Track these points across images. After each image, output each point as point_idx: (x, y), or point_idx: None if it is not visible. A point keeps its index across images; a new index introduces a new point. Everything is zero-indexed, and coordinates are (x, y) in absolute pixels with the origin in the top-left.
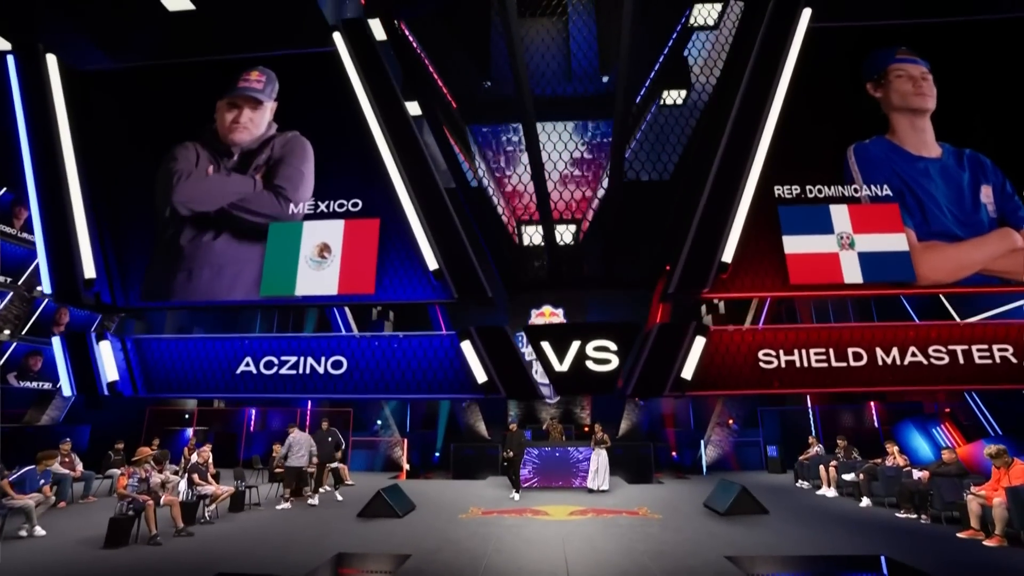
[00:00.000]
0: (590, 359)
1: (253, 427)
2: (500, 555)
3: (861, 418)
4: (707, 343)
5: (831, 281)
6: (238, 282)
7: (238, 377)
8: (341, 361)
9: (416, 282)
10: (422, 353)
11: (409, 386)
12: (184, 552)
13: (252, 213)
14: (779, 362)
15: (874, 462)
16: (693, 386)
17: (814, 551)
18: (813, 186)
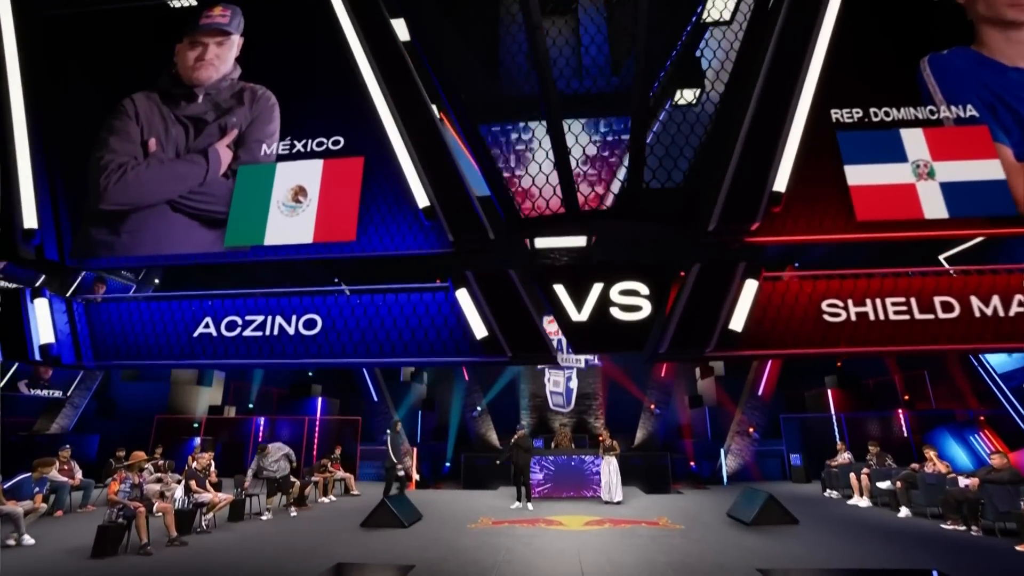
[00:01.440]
0: (616, 306)
1: (261, 436)
2: (510, 567)
3: (889, 426)
4: (758, 291)
5: (908, 217)
6: (196, 233)
7: (195, 341)
8: (315, 320)
9: (405, 229)
10: (410, 309)
11: (395, 349)
12: (174, 562)
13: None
14: (848, 315)
15: (912, 468)
16: (744, 344)
17: (854, 564)
18: (879, 108)
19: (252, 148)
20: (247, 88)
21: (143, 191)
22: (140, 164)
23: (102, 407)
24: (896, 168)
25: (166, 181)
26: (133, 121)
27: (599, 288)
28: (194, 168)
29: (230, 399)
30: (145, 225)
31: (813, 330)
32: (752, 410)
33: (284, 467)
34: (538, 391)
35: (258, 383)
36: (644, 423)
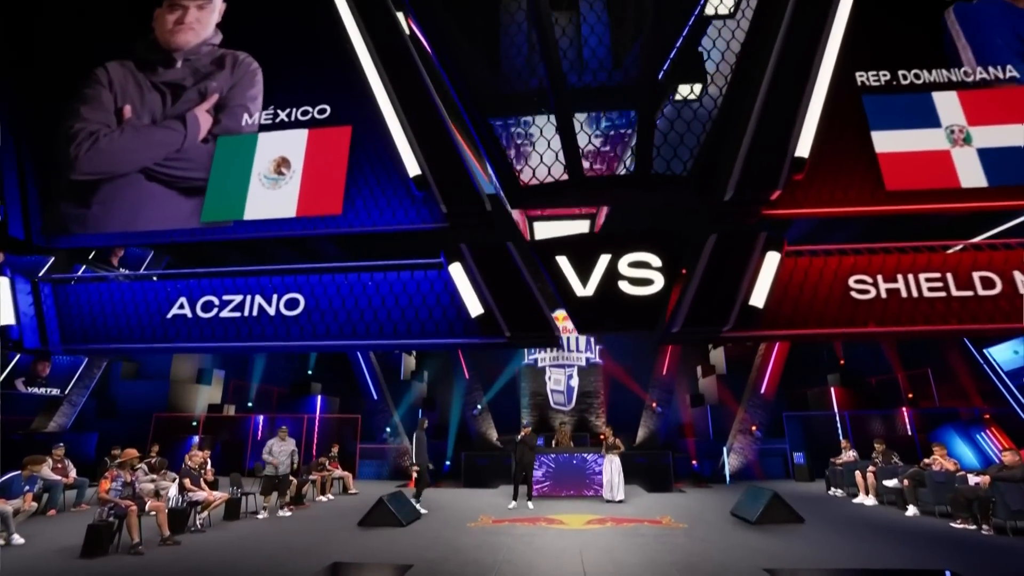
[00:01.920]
0: (625, 279)
1: (260, 435)
2: (511, 566)
3: (893, 424)
4: (779, 267)
5: (943, 186)
6: (172, 210)
7: (169, 323)
8: (297, 300)
9: (396, 203)
10: (400, 288)
11: (383, 330)
12: (166, 562)
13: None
14: (877, 291)
15: (920, 466)
16: (766, 322)
17: (863, 564)
18: (908, 70)
19: (234, 113)
20: (228, 54)
21: (116, 159)
22: (113, 131)
23: (102, 406)
24: (928, 134)
25: (140, 148)
26: (106, 89)
27: (606, 260)
28: (171, 134)
29: (229, 398)
30: (118, 196)
31: (840, 308)
32: (754, 408)
33: (287, 464)
34: (539, 389)
35: (257, 381)
36: (646, 421)
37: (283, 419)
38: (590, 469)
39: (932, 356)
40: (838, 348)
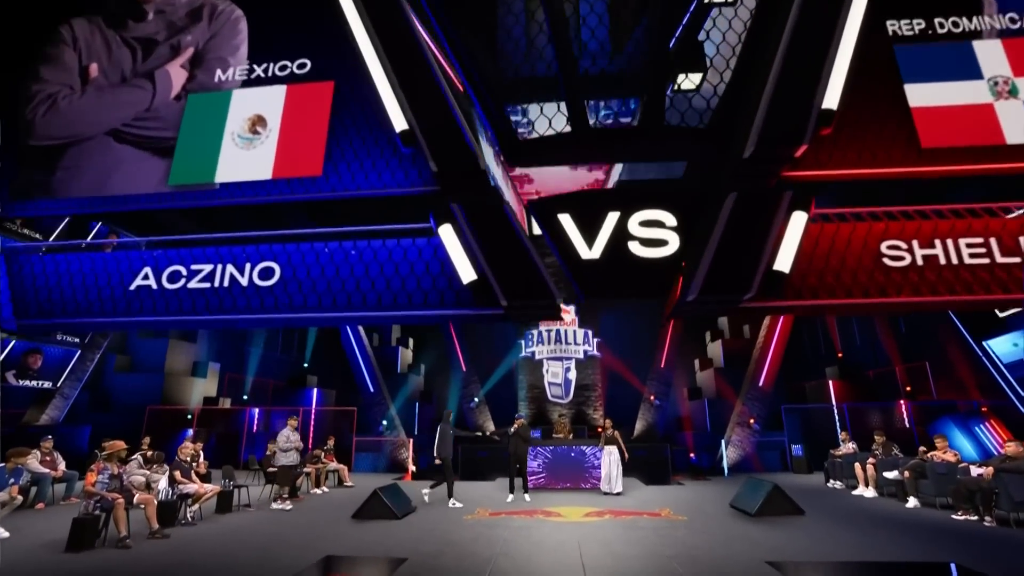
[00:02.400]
0: (635, 240)
1: (256, 427)
2: (508, 559)
3: (891, 417)
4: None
5: (985, 143)
6: (141, 174)
7: (132, 295)
8: (272, 269)
9: (382, 165)
10: (385, 255)
11: (366, 301)
12: (154, 556)
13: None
14: (913, 258)
15: (921, 457)
16: (791, 292)
17: (866, 557)
18: (945, 18)
19: (211, 67)
20: (206, 4)
21: (78, 121)
22: (74, 93)
23: (95, 399)
24: (969, 86)
25: (106, 108)
26: (70, 47)
27: (615, 219)
28: (138, 93)
29: (225, 391)
30: (85, 160)
31: (871, 276)
32: (753, 401)
33: (294, 458)
34: (536, 382)
35: (253, 374)
36: (644, 414)
37: (279, 412)
38: (588, 462)
39: (930, 349)
40: (836, 341)
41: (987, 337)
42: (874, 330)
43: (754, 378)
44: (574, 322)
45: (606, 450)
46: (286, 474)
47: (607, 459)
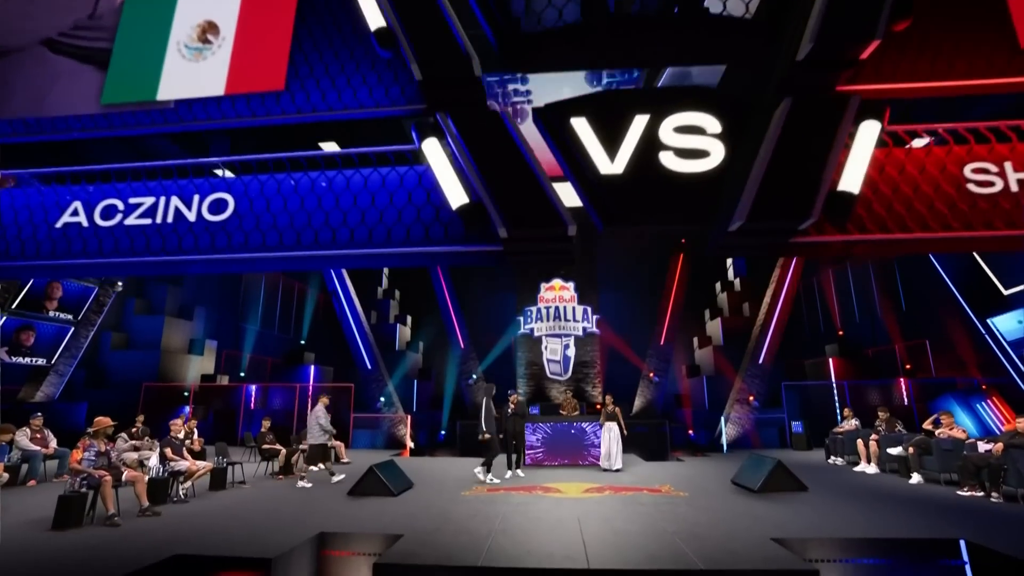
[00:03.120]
0: (669, 150)
1: (253, 404)
2: (506, 536)
3: (890, 395)
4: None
5: None
6: (84, 81)
7: (59, 234)
8: (224, 202)
9: (357, 82)
10: (360, 184)
11: (336, 238)
12: (144, 533)
13: (97, 40)
14: (1005, 183)
15: (925, 430)
16: (858, 220)
17: (872, 533)
18: None
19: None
20: None
21: (4, 28)
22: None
23: (91, 375)
24: None
25: (37, 12)
26: None
27: (643, 124)
28: None
29: (222, 368)
30: (13, 74)
31: (952, 206)
32: (752, 378)
33: (320, 437)
34: (535, 359)
35: (250, 351)
36: (643, 391)
37: (276, 389)
38: (587, 439)
39: (931, 328)
40: (836, 319)
41: (991, 315)
42: (874, 308)
43: (754, 355)
44: (573, 299)
45: (606, 426)
46: (317, 452)
47: (607, 435)
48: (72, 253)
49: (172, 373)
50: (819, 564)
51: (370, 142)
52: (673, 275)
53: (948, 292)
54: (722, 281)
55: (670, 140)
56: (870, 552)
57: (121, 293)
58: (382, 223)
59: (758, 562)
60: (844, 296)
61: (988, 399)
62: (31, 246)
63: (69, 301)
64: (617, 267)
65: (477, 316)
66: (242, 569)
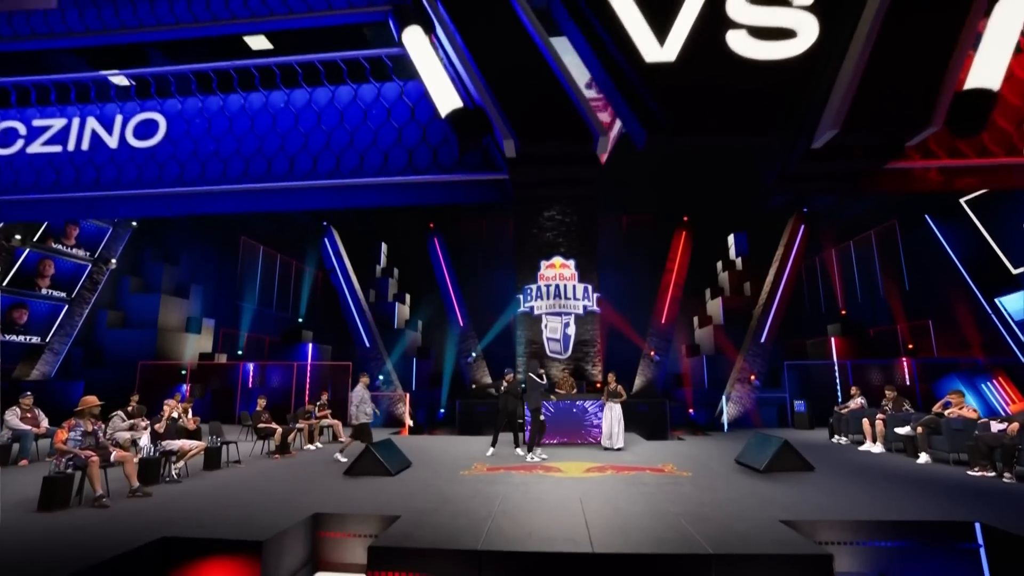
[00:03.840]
0: (740, 29)
1: (251, 383)
2: (506, 518)
3: (892, 374)
4: None
5: None
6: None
7: None
8: (154, 124)
9: None
10: (325, 100)
11: (294, 169)
12: (133, 514)
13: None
14: None
15: (936, 413)
16: (976, 146)
17: (884, 514)
18: None
19: None
20: None
21: None
22: None
23: (88, 354)
24: None
25: None
26: None
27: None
28: None
29: (219, 346)
30: None
31: None
32: (754, 357)
33: (362, 417)
34: (535, 337)
35: (247, 330)
36: (643, 370)
37: (274, 367)
38: (588, 418)
39: (934, 308)
40: (840, 298)
41: (999, 294)
42: (877, 288)
43: (756, 334)
44: (573, 277)
45: (608, 405)
46: (362, 431)
47: (608, 414)
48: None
49: (169, 351)
50: (830, 547)
51: (318, 46)
52: (675, 253)
53: (954, 272)
54: (724, 260)
55: (741, 16)
56: (881, 535)
57: (116, 271)
58: (352, 148)
59: (769, 546)
60: (847, 275)
61: (994, 379)
62: None
63: (62, 279)
64: (618, 245)
65: (476, 294)
66: (232, 552)
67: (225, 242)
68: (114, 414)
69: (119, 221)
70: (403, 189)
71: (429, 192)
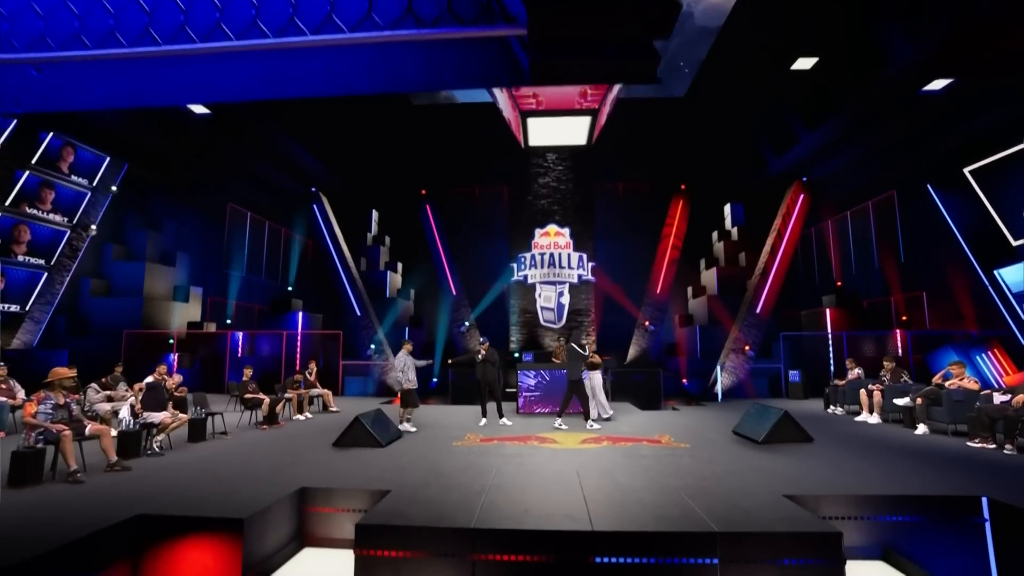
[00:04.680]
0: None
1: (241, 352)
2: (501, 492)
3: (885, 346)
4: None
5: None
6: None
7: None
8: None
9: None
10: None
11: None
12: (107, 490)
13: None
14: None
15: (936, 384)
16: None
17: (887, 488)
18: None
19: None
20: None
21: None
22: None
23: (72, 322)
24: None
25: None
26: None
27: None
28: None
29: (208, 315)
30: None
31: None
32: (749, 328)
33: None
34: (528, 307)
35: (235, 298)
36: (637, 340)
37: (264, 336)
38: None
39: (928, 280)
40: (836, 269)
41: (998, 266)
42: (872, 259)
43: (752, 305)
44: (568, 245)
45: (589, 375)
46: (408, 396)
47: (588, 384)
48: None
49: (156, 320)
50: (834, 522)
51: None
52: (672, 222)
53: (951, 243)
54: (719, 230)
55: None
56: (886, 509)
57: (97, 238)
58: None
59: (775, 523)
60: (843, 246)
61: (989, 351)
62: None
63: (39, 245)
64: (614, 213)
65: (469, 262)
66: (212, 529)
67: (211, 209)
68: (88, 386)
69: (96, 185)
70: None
71: (410, 55)
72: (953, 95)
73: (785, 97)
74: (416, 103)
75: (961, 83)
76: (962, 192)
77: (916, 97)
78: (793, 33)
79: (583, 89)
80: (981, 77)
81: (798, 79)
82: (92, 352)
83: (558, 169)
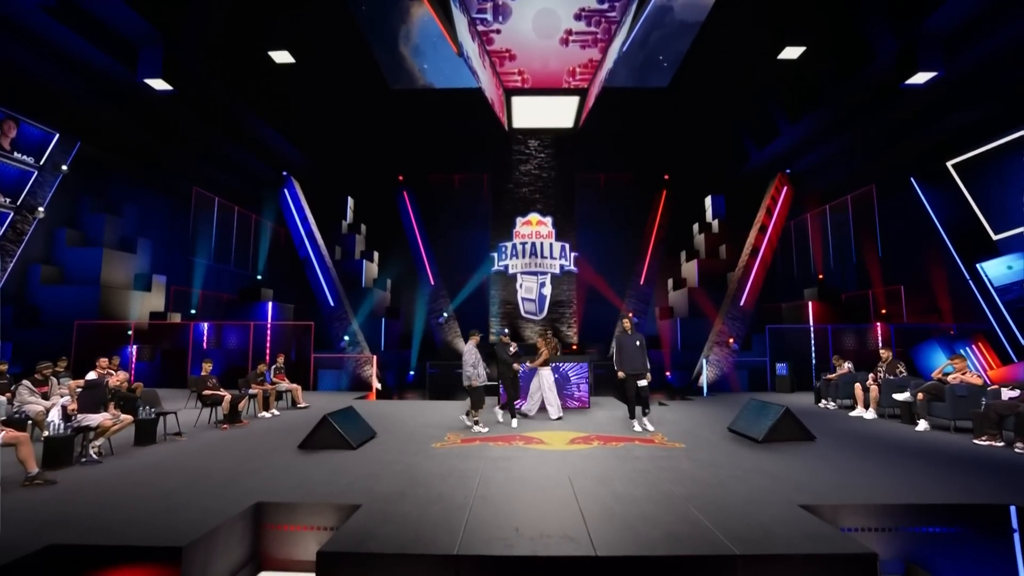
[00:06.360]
0: None
1: (206, 344)
2: (487, 505)
3: (865, 339)
4: None
5: None
6: None
7: None
8: None
9: None
10: None
11: None
12: (18, 512)
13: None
14: None
15: (938, 379)
16: None
17: (909, 497)
18: None
19: None
20: None
21: None
22: None
23: (21, 313)
24: None
25: None
26: None
27: None
28: None
29: (171, 305)
30: None
31: None
32: (732, 320)
33: (476, 379)
34: (509, 297)
35: (199, 287)
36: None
37: (231, 327)
38: (571, 383)
39: (907, 274)
40: (818, 263)
41: (979, 260)
42: (850, 253)
43: (736, 297)
44: (550, 235)
45: (539, 372)
46: (479, 394)
47: (537, 382)
48: None
49: (115, 310)
50: (854, 534)
51: None
52: (655, 213)
53: (930, 237)
54: (700, 222)
55: None
56: (908, 520)
57: (47, 221)
58: None
59: (798, 541)
60: (823, 240)
61: (973, 344)
62: None
63: None
64: (597, 202)
65: (448, 252)
66: (141, 560)
67: (176, 193)
68: (21, 383)
69: (44, 164)
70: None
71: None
72: (936, 89)
73: (768, 89)
74: (394, 87)
75: (944, 77)
76: (944, 186)
77: (899, 91)
78: (777, 24)
79: (572, 67)
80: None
81: (781, 71)
82: (40, 344)
83: (540, 156)
